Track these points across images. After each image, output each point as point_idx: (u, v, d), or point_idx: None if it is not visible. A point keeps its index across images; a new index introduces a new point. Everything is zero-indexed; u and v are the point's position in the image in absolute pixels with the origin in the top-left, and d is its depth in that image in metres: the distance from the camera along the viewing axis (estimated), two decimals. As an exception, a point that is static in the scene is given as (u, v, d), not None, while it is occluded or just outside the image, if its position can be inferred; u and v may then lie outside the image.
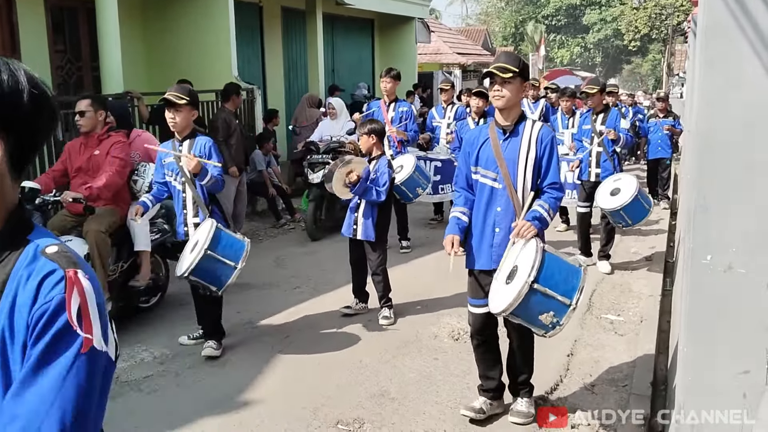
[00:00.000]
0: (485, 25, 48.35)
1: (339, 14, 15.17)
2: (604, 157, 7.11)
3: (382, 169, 5.54)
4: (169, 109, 4.80)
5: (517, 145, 3.67)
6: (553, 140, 3.68)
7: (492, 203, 3.73)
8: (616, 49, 54.21)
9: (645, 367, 4.67)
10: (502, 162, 3.66)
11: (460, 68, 25.21)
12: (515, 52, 3.80)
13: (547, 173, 3.68)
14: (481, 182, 3.75)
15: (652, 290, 6.47)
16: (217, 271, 4.60)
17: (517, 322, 3.49)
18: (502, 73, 3.54)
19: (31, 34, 8.95)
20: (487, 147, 3.73)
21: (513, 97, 3.62)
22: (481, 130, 3.86)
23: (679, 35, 36.61)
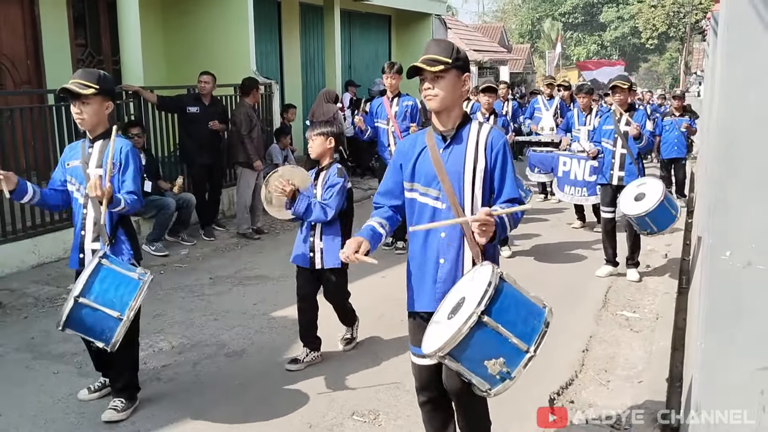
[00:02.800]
0: (502, 22, 48.19)
1: (356, 10, 15.20)
2: (629, 160, 6.67)
3: (332, 179, 4.54)
4: (74, 102, 3.79)
5: (461, 154, 2.94)
6: (506, 146, 2.98)
7: (435, 228, 2.96)
8: (633, 47, 53.90)
9: (660, 363, 4.67)
10: (444, 176, 2.92)
11: (477, 65, 25.14)
12: (447, 40, 3.17)
13: (502, 188, 2.96)
14: (419, 202, 3.00)
15: (668, 288, 6.45)
16: (96, 324, 3.54)
17: (454, 368, 2.63)
18: (431, 67, 2.83)
19: (53, 27, 9.05)
20: (424, 158, 2.99)
21: (449, 95, 2.89)
22: (416, 137, 3.09)
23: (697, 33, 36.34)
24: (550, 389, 4.29)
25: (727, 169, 2.74)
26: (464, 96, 3.01)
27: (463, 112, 3.01)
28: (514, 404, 4.04)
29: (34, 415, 4.00)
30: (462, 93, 2.96)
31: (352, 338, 5.10)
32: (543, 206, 10.63)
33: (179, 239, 8.06)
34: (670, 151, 11.19)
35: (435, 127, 3.00)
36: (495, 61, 27.65)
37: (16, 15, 8.72)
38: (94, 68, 3.70)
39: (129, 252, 3.92)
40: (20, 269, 6.71)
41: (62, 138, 7.18)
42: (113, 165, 3.81)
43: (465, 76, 2.94)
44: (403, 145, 3.11)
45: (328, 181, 4.55)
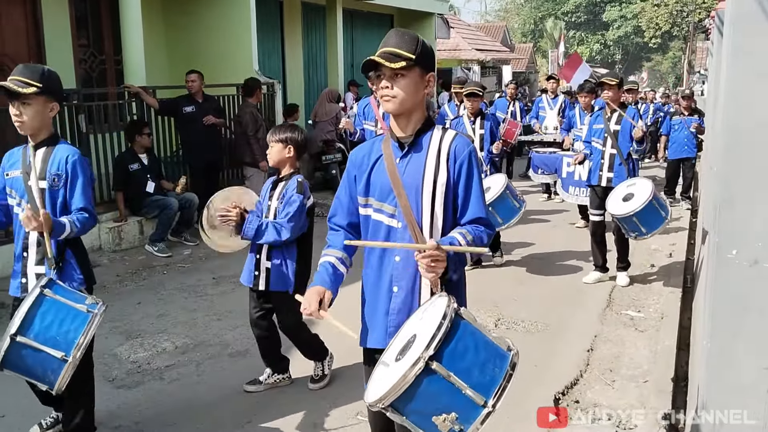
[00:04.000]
0: (504, 21, 48.16)
1: (358, 9, 15.19)
2: (618, 161, 6.36)
3: (290, 195, 3.97)
4: (12, 102, 3.28)
5: (421, 164, 2.52)
6: (473, 156, 2.54)
7: (389, 251, 2.58)
8: (636, 46, 53.81)
9: (665, 363, 4.64)
10: (401, 190, 2.51)
11: (479, 64, 25.13)
12: (412, 32, 2.62)
13: (466, 206, 2.53)
14: (373, 219, 2.61)
15: (673, 287, 6.43)
16: (37, 365, 3.06)
17: (398, 422, 2.19)
18: (391, 63, 2.40)
19: (55, 27, 9.05)
20: (379, 169, 2.58)
21: (410, 97, 2.47)
22: (372, 144, 2.68)
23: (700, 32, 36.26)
24: (554, 389, 4.28)
25: (733, 168, 2.73)
26: (428, 96, 2.65)
27: (426, 116, 2.58)
28: (518, 405, 4.02)
29: (34, 416, 3.99)
30: (424, 94, 2.55)
31: (323, 375, 4.45)
32: (546, 206, 10.61)
33: (182, 239, 8.05)
34: (680, 151, 10.90)
35: (392, 132, 2.59)
36: (498, 61, 27.63)
37: (18, 15, 8.72)
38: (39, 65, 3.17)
39: (79, 278, 3.39)
40: (23, 269, 6.69)
41: (64, 138, 7.15)
42: (57, 177, 3.33)
43: (429, 75, 2.52)
44: (357, 153, 2.69)
45: (286, 195, 4.00)
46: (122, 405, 4.18)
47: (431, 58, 2.54)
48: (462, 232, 2.47)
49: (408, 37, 2.48)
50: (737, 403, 2.81)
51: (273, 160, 4.12)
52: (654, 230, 6.13)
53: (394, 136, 2.59)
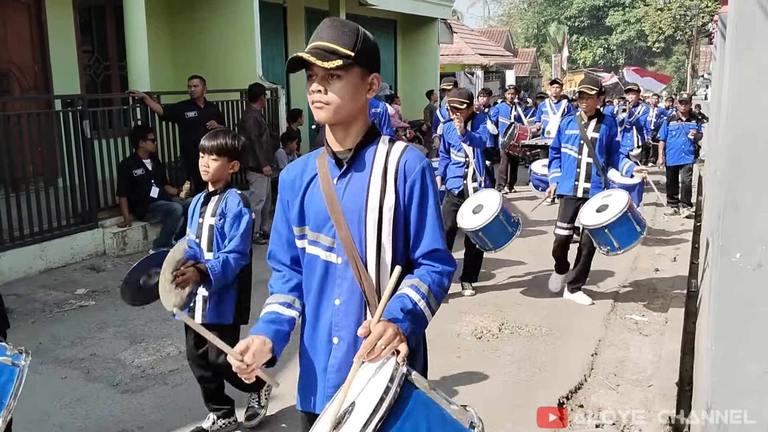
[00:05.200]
0: (507, 26, 48.22)
1: (362, 15, 15.22)
2: (595, 170, 5.92)
3: (234, 211, 3.46)
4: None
5: (363, 185, 2.04)
6: (427, 173, 2.06)
7: (327, 291, 2.10)
8: (640, 50, 53.85)
9: (670, 367, 4.63)
10: (340, 218, 2.04)
11: (482, 69, 25.16)
12: (351, 22, 2.06)
13: (419, 235, 2.05)
14: (308, 253, 2.13)
15: (678, 291, 6.41)
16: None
17: None
18: (324, 61, 1.92)
19: (60, 33, 9.09)
20: (314, 192, 2.11)
21: (348, 103, 1.99)
22: (306, 161, 2.19)
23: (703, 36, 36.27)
24: (559, 393, 4.27)
25: (737, 171, 2.73)
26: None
27: (368, 126, 2.10)
28: (522, 409, 4.03)
29: (41, 420, 4.00)
30: (366, 100, 2.08)
31: (258, 409, 3.96)
32: (550, 210, 10.58)
33: (186, 244, 8.06)
34: (677, 158, 10.49)
35: (328, 147, 2.11)
36: (501, 65, 27.65)
37: (23, 21, 8.76)
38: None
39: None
40: (27, 274, 6.72)
41: (69, 144, 7.20)
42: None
43: (372, 77, 2.04)
44: (289, 173, 2.19)
45: (228, 212, 3.47)
46: (126, 409, 4.19)
47: (375, 56, 2.07)
48: (414, 284, 2.00)
49: (346, 29, 1.99)
50: (742, 405, 2.80)
51: (209, 175, 3.49)
52: (628, 246, 5.63)
53: (330, 151, 2.10)
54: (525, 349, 5.04)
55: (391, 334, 1.80)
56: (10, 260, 6.58)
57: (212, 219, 3.51)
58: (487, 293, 6.32)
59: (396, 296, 1.96)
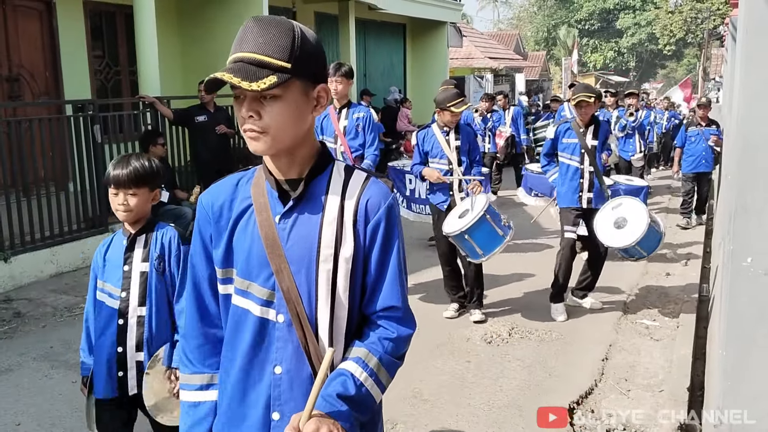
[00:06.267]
0: (517, 29, 48.19)
1: (371, 19, 15.26)
2: (596, 179, 5.75)
3: (170, 247, 2.78)
4: None
5: (314, 228, 1.64)
6: (393, 213, 1.68)
7: (261, 356, 1.66)
8: (651, 53, 53.69)
9: (681, 372, 4.60)
10: (283, 265, 1.62)
11: (492, 73, 25.14)
12: (283, 19, 1.56)
13: (378, 287, 1.67)
14: (236, 305, 1.68)
15: (689, 296, 6.38)
16: None
17: None
18: (251, 82, 1.48)
19: (71, 38, 9.16)
20: (247, 229, 1.67)
21: (289, 128, 1.57)
22: (235, 186, 1.72)
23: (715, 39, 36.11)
24: (569, 398, 4.25)
25: (748, 175, 2.71)
26: (309, 124, 1.64)
27: (317, 149, 1.69)
28: (533, 414, 4.01)
29: (51, 425, 4.01)
30: (313, 119, 1.65)
31: None
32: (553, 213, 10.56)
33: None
34: (697, 165, 9.73)
35: (268, 173, 1.67)
36: (511, 69, 27.63)
37: (34, 27, 8.83)
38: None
39: None
40: (39, 278, 6.76)
41: (80, 148, 7.24)
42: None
43: (319, 88, 1.61)
44: (211, 198, 1.73)
45: (169, 252, 2.78)
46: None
47: (320, 62, 1.62)
48: (361, 356, 1.63)
49: (277, 30, 1.53)
50: (754, 410, 2.78)
51: (137, 214, 2.76)
52: (653, 251, 5.76)
53: (271, 180, 1.66)
54: (535, 354, 5.02)
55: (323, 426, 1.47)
56: (22, 264, 6.62)
57: (144, 265, 2.77)
58: (497, 298, 6.30)
59: (336, 374, 1.60)
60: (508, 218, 5.52)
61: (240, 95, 1.55)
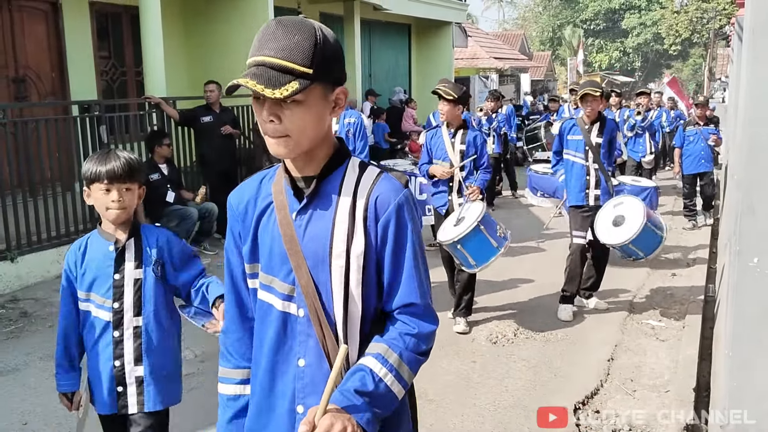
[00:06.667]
0: (522, 29, 48.13)
1: (376, 19, 15.26)
2: (602, 176, 5.74)
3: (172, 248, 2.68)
4: None
5: (327, 224, 1.66)
6: (404, 209, 1.66)
7: (286, 348, 1.71)
8: (656, 53, 53.55)
9: (687, 372, 4.59)
10: (300, 261, 1.66)
11: (497, 73, 25.13)
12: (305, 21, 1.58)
13: (395, 284, 1.67)
14: (261, 300, 1.74)
15: (695, 296, 6.36)
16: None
17: None
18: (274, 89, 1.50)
19: (77, 40, 9.19)
20: (268, 225, 1.72)
21: (310, 131, 1.60)
22: (259, 184, 1.78)
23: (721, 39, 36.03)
24: (574, 399, 4.25)
25: (754, 175, 2.71)
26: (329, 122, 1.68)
27: (335, 148, 1.70)
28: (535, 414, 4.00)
29: (58, 424, 4.02)
30: (332, 119, 1.69)
31: None
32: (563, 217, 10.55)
33: (201, 249, 8.10)
34: (696, 166, 9.65)
35: (286, 171, 1.70)
36: (516, 69, 27.61)
37: (40, 28, 8.86)
38: None
39: None
40: (45, 278, 6.78)
41: (86, 149, 7.26)
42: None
43: (338, 91, 1.63)
44: (238, 197, 1.79)
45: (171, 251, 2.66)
46: (142, 413, 4.20)
47: (339, 64, 1.64)
48: (381, 352, 1.62)
49: (300, 34, 1.53)
50: (760, 410, 2.77)
51: (130, 211, 2.60)
52: (652, 252, 5.59)
53: (287, 177, 1.70)
54: (541, 354, 5.01)
55: (333, 424, 1.45)
56: (28, 264, 6.64)
57: (138, 272, 2.57)
58: (503, 298, 6.29)
59: (355, 369, 1.60)
60: (504, 229, 5.34)
61: (260, 97, 1.54)
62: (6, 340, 5.36)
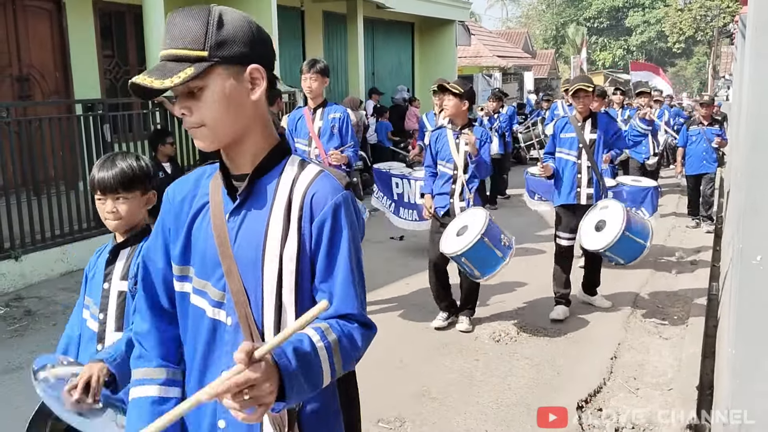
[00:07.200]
0: (526, 27, 48.07)
1: (379, 18, 15.27)
2: (595, 175, 5.60)
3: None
4: None
5: (261, 224, 1.55)
6: (341, 211, 1.54)
7: (214, 357, 1.59)
8: (660, 51, 53.43)
9: (690, 371, 4.59)
10: (232, 265, 1.54)
11: (501, 71, 25.10)
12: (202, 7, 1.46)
13: (329, 291, 1.55)
14: (194, 304, 1.61)
15: (698, 295, 6.35)
16: None
17: None
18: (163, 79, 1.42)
19: (80, 38, 9.21)
20: (202, 226, 1.60)
21: (223, 119, 1.49)
22: (198, 180, 1.66)
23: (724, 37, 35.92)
24: (577, 397, 4.25)
25: (758, 172, 2.70)
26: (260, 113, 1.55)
27: (273, 141, 1.59)
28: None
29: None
30: (255, 104, 1.52)
31: None
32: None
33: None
34: (698, 166, 9.46)
35: (222, 168, 1.60)
36: (519, 67, 27.58)
37: (44, 27, 8.88)
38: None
39: None
40: (49, 277, 6.80)
41: (89, 148, 7.28)
42: None
43: (250, 69, 1.49)
44: (176, 190, 1.67)
45: None
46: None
47: (246, 39, 1.48)
48: (321, 328, 1.48)
49: (191, 18, 1.46)
50: (763, 408, 2.77)
51: (127, 222, 2.41)
52: (634, 259, 5.39)
53: (222, 175, 1.59)
54: (544, 353, 5.01)
55: (264, 392, 1.28)
56: (32, 263, 6.66)
57: (123, 284, 2.36)
58: (506, 297, 6.29)
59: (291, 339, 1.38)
60: (509, 237, 5.16)
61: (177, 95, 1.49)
62: (10, 338, 5.38)
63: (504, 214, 10.00)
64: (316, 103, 5.48)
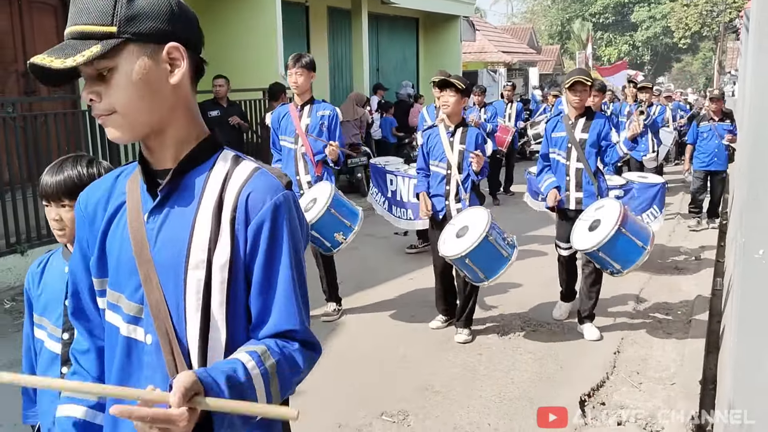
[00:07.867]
0: (531, 23, 47.96)
1: (384, 13, 15.24)
2: (586, 177, 5.13)
3: None
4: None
5: (186, 227, 1.36)
6: (281, 212, 1.36)
7: (133, 383, 1.38)
8: (666, 46, 53.23)
9: (693, 365, 4.60)
10: (150, 272, 1.35)
11: (505, 66, 25.06)
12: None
13: (267, 305, 1.37)
14: (107, 321, 1.44)
15: (702, 290, 6.35)
16: None
17: None
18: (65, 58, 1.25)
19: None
20: (118, 230, 1.41)
21: (136, 105, 1.30)
22: (114, 180, 1.48)
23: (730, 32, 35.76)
24: (580, 391, 4.25)
25: (760, 166, 2.70)
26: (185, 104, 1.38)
27: (199, 133, 1.41)
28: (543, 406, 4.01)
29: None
30: (175, 88, 1.34)
31: None
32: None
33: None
34: (708, 163, 9.01)
35: (142, 163, 1.41)
36: (524, 63, 27.53)
37: (49, 23, 8.90)
38: None
39: None
40: (55, 272, 6.82)
41: (95, 142, 7.30)
42: None
43: (168, 48, 1.31)
44: (89, 195, 1.48)
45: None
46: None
47: (161, 13, 1.31)
48: (257, 351, 1.31)
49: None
50: (766, 403, 2.77)
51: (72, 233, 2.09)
52: (630, 265, 4.78)
53: (142, 170, 1.41)
54: (547, 347, 5.02)
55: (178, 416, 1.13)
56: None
57: None
58: (509, 291, 6.30)
59: (224, 361, 1.29)
60: (511, 236, 4.95)
61: (84, 75, 1.31)
62: (16, 332, 5.40)
63: (507, 210, 10.01)
64: (303, 100, 5.35)
